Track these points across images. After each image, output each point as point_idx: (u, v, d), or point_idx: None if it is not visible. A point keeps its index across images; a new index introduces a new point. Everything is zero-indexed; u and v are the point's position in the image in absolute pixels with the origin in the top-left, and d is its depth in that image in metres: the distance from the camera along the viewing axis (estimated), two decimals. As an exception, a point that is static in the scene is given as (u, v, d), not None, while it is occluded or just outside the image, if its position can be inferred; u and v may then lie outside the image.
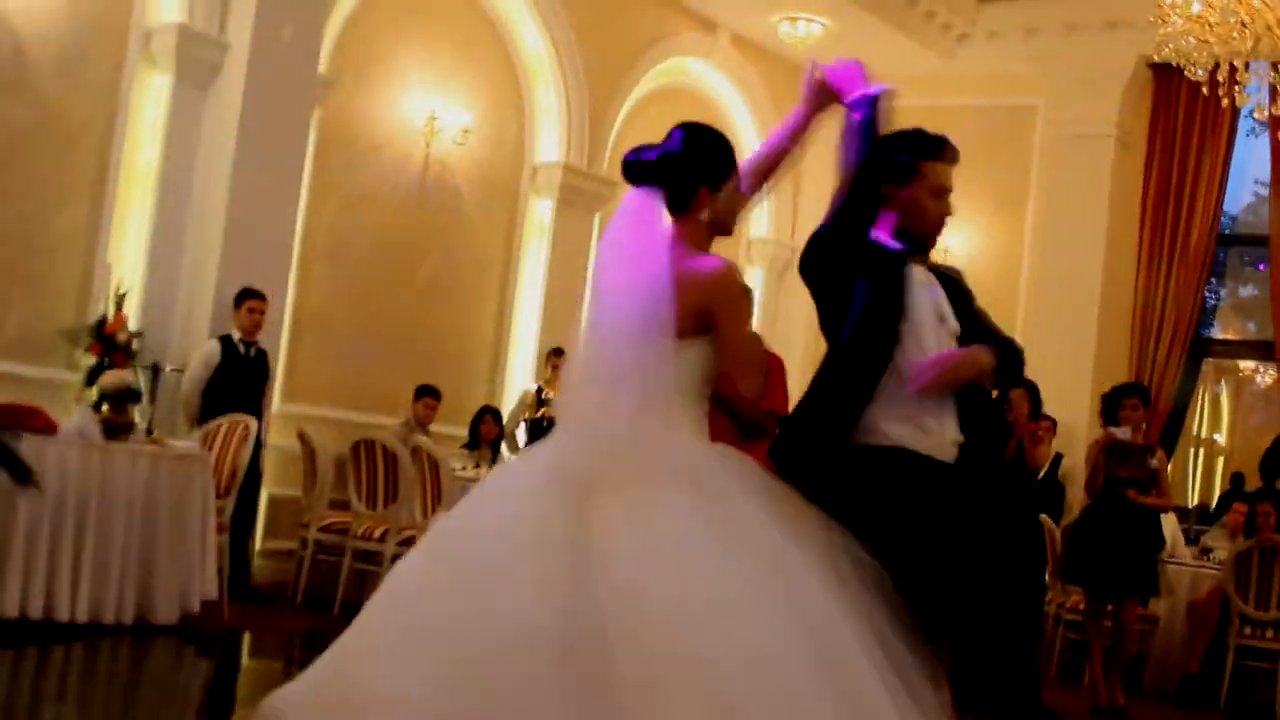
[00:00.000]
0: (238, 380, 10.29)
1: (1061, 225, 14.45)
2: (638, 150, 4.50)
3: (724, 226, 4.49)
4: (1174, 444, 14.20)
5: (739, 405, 6.47)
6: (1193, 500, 14.86)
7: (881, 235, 4.90)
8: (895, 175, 4.93)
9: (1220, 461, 15.40)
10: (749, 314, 5.34)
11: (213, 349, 10.32)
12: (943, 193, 5.01)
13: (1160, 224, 14.33)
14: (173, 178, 10.77)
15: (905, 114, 4.87)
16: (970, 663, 8.53)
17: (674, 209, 4.41)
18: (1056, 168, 14.68)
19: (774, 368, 7.09)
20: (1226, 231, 14.69)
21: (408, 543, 9.88)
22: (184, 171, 10.81)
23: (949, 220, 5.04)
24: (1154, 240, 14.36)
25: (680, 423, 4.21)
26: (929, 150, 5.00)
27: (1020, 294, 14.79)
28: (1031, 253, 14.84)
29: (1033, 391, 10.26)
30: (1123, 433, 9.92)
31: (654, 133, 13.82)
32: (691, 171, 4.42)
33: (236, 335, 10.36)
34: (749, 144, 15.67)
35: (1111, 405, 10.10)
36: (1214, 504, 14.13)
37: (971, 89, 15.02)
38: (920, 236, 4.98)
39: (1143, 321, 14.28)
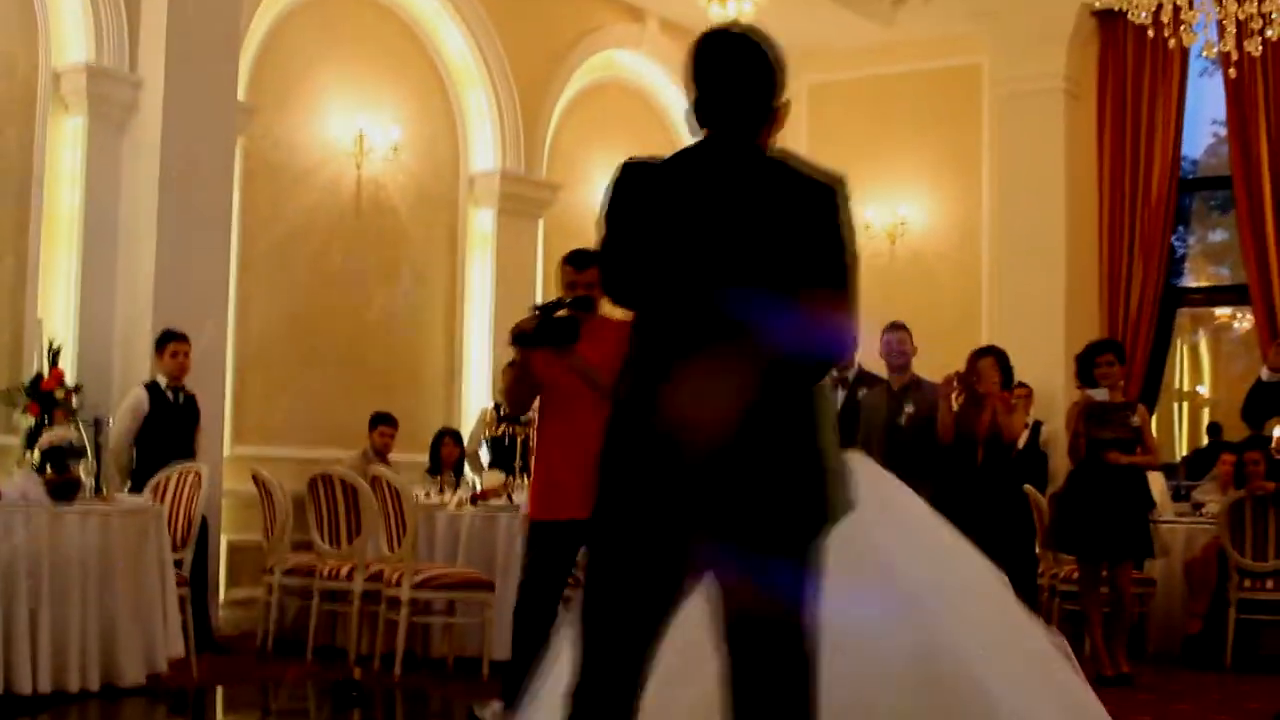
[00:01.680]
0: (169, 428, 10.02)
1: (1019, 185, 14.26)
2: None
3: None
4: (1155, 400, 14.01)
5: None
6: (1180, 456, 14.63)
7: None
8: None
9: (1205, 414, 15.22)
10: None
11: (139, 398, 10.05)
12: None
13: (1119, 174, 14.19)
14: (97, 223, 10.48)
15: (848, 86, 4.57)
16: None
17: None
18: (1008, 126, 14.47)
19: None
20: (1188, 176, 14.52)
21: (376, 578, 9.61)
22: (108, 215, 10.52)
23: None
24: (1114, 192, 14.20)
25: None
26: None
27: (983, 259, 14.64)
28: (991, 216, 14.65)
29: (1002, 359, 10.02)
30: (1100, 394, 9.74)
31: (589, 131, 13.52)
32: None
33: (163, 381, 10.07)
34: (686, 130, 15.42)
35: (1086, 365, 9.92)
36: (1194, 458, 13.89)
37: (913, 54, 14.83)
38: None
39: (1110, 277, 14.14)
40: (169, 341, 10.05)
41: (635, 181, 3.79)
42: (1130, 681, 9.48)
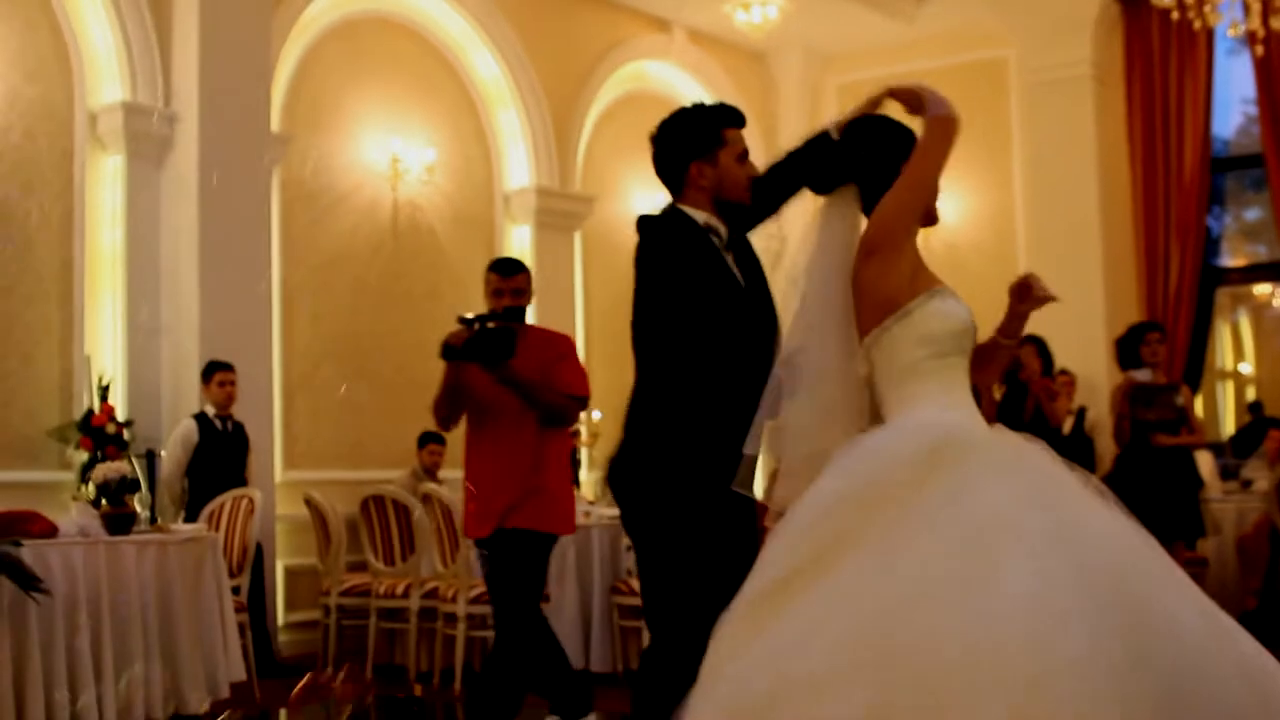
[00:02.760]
0: (220, 457, 10.11)
1: (1051, 174, 14.21)
2: None
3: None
4: (1198, 380, 13.96)
5: (553, 397, 6.58)
6: (1228, 436, 14.58)
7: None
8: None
9: (1251, 391, 15.14)
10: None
11: (189, 429, 10.14)
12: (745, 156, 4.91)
13: (1151, 157, 14.13)
14: (139, 259, 10.57)
15: (874, 85, 4.61)
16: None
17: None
18: (1037, 117, 14.43)
19: (566, 352, 6.85)
20: (1220, 156, 14.45)
21: (432, 595, 9.72)
22: (150, 251, 10.61)
23: None
24: (1147, 175, 14.15)
25: None
26: (729, 118, 4.92)
27: (1019, 250, 14.58)
28: (1025, 206, 14.62)
29: (1041, 347, 10.03)
30: (1144, 375, 9.74)
31: (622, 143, 13.54)
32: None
33: (211, 411, 10.16)
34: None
35: (1130, 347, 9.92)
36: (1240, 436, 13.83)
37: (938, 50, 14.82)
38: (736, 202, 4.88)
39: (1148, 260, 14.08)
40: (215, 371, 10.14)
41: None
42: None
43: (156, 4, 10.68)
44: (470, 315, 6.57)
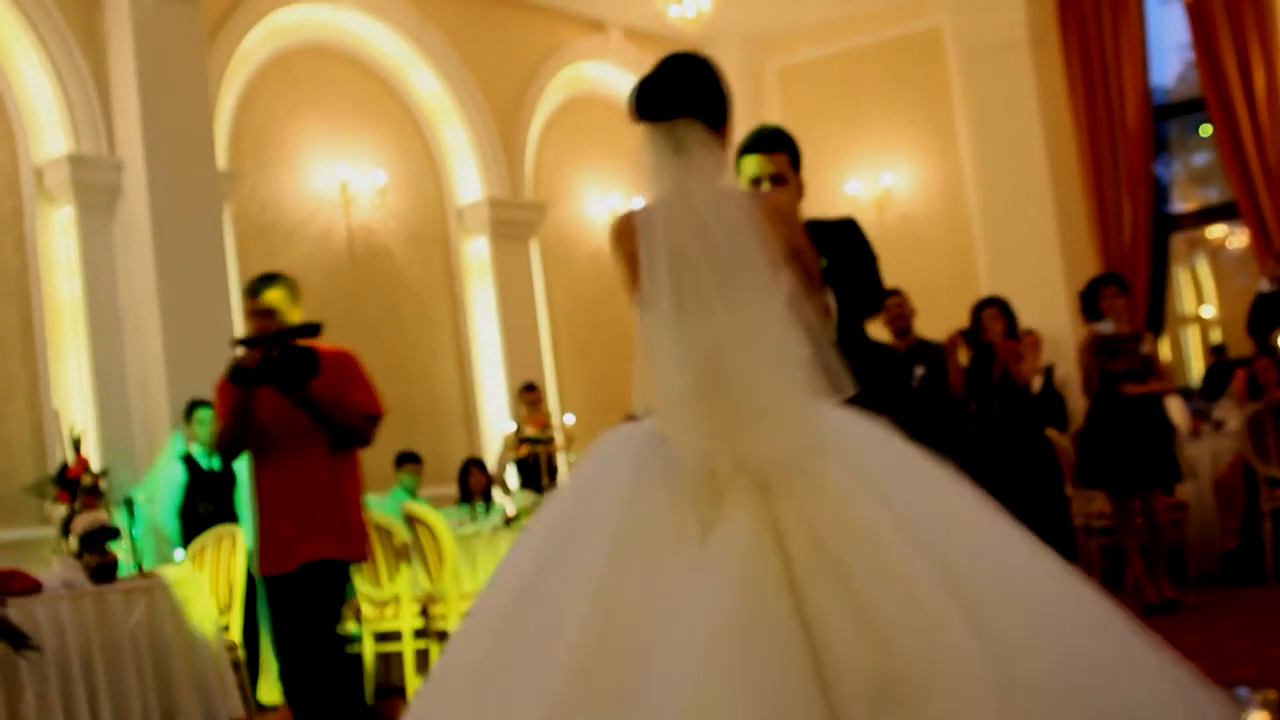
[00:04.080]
0: (211, 495, 10.11)
1: (996, 136, 14.27)
2: None
3: None
4: (1161, 327, 14.03)
5: (351, 418, 6.28)
6: (1197, 380, 14.64)
7: None
8: None
9: (1216, 333, 15.20)
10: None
11: (175, 473, 10.15)
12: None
13: (1094, 111, 14.19)
14: (100, 308, 10.61)
15: (814, 65, 4.68)
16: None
17: None
18: (977, 82, 14.49)
19: (353, 371, 6.46)
20: (1162, 104, 14.50)
21: (423, 614, 9.70)
22: (109, 299, 10.65)
23: None
24: (1091, 129, 14.21)
25: None
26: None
27: (971, 216, 14.65)
28: (973, 173, 14.68)
29: (1004, 308, 10.06)
30: (1107, 326, 9.77)
31: (568, 147, 13.53)
32: None
33: (197, 449, 10.13)
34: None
35: (1091, 300, 9.95)
36: (1202, 380, 13.88)
37: (873, 25, 14.89)
38: None
39: (1100, 212, 14.14)
40: (197, 409, 10.13)
41: None
42: (1177, 607, 9.47)
43: (92, 54, 10.69)
44: (253, 337, 6.18)
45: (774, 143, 5.24)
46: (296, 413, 6.12)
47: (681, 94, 3.81)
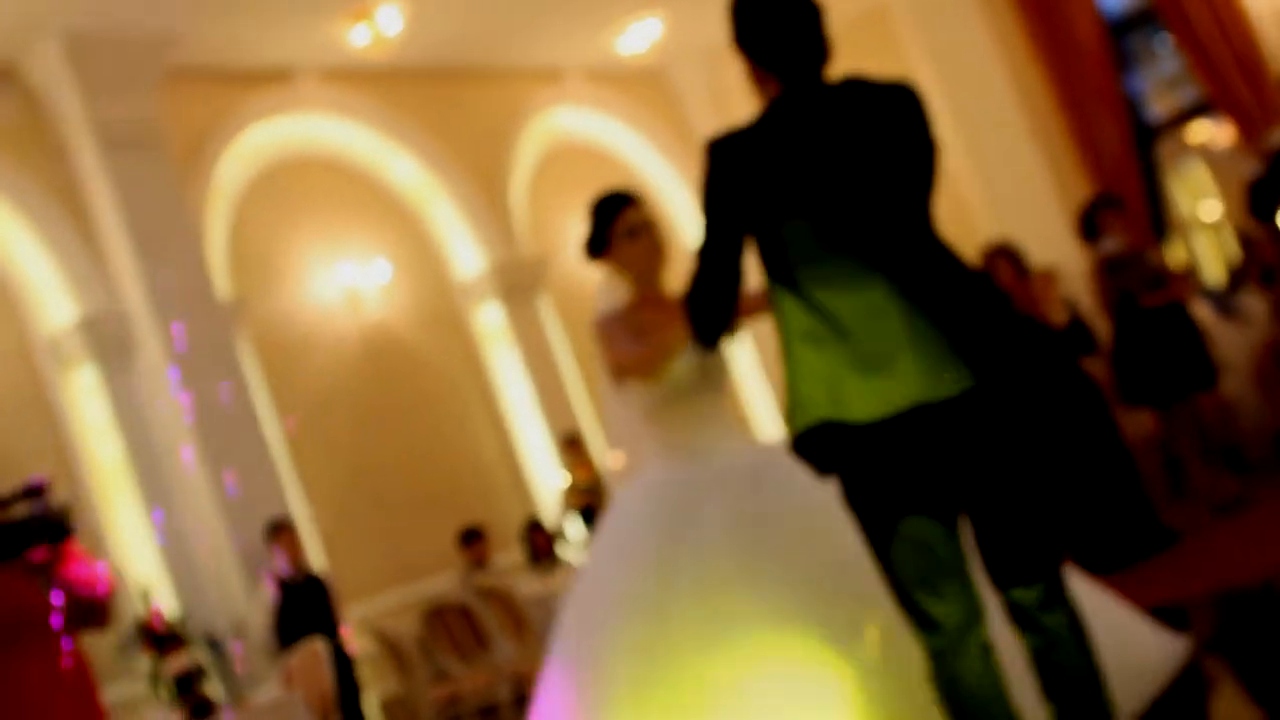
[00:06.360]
0: (303, 612, 10.23)
1: (957, 82, 14.22)
2: None
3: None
4: (1164, 235, 14.03)
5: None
6: (1217, 280, 14.62)
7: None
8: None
9: (1229, 231, 15.16)
10: None
11: (267, 595, 10.29)
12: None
13: (1052, 35, 14.13)
14: (140, 459, 10.70)
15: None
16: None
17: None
18: (926, 28, 14.52)
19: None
20: (1118, 20, 14.48)
21: (520, 683, 9.78)
22: (147, 448, 10.74)
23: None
24: (1051, 55, 14.15)
25: None
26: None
27: (959, 172, 14.61)
28: (950, 129, 14.64)
29: (1010, 255, 10.08)
30: (1110, 244, 9.81)
31: (556, 195, 13.55)
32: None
33: (284, 570, 10.29)
34: (643, 162, 15.58)
35: (1089, 223, 10.01)
36: (1228, 284, 13.85)
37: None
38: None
39: (1080, 136, 14.09)
40: (278, 532, 10.35)
41: (742, 150, 3.93)
42: (1244, 500, 9.48)
43: (79, 217, 10.81)
44: None
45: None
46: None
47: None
